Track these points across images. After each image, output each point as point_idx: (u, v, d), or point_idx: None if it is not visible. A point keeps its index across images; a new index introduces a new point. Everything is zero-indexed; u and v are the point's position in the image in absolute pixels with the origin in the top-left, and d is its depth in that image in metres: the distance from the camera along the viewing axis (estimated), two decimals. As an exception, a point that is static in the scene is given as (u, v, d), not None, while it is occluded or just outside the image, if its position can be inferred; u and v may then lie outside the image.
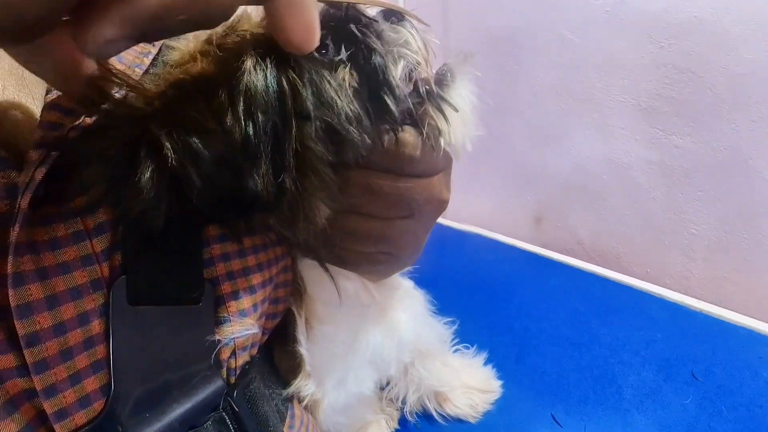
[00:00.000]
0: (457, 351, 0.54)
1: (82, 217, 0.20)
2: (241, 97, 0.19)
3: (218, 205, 0.20)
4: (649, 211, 0.74)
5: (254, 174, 0.19)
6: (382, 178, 0.26)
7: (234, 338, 0.26)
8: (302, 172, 0.21)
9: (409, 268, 0.41)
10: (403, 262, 0.35)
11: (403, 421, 0.50)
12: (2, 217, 0.18)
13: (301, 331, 0.31)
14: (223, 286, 0.25)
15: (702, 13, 0.61)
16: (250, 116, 0.19)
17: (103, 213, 0.21)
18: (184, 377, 0.24)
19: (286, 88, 0.20)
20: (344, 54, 0.23)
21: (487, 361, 0.54)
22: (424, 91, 0.26)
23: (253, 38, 0.20)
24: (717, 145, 0.65)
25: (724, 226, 0.67)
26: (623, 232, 0.78)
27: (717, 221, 0.67)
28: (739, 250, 0.66)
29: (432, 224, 0.33)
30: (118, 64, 0.22)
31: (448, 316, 0.53)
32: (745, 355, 0.51)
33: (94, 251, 0.21)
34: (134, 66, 0.23)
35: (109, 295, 0.21)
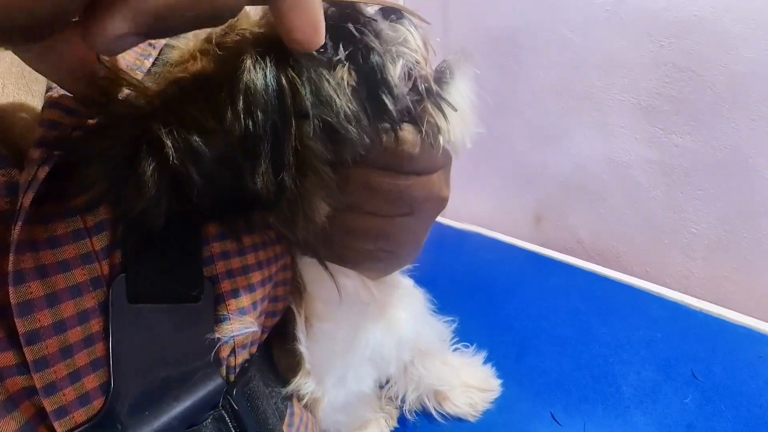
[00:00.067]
0: (456, 350, 0.54)
1: (81, 216, 0.20)
2: (240, 96, 0.19)
3: (218, 204, 0.20)
4: (649, 211, 0.74)
5: (254, 172, 0.19)
6: (382, 175, 0.26)
7: (233, 336, 0.26)
8: (301, 171, 0.21)
9: (409, 266, 0.41)
10: (402, 259, 0.35)
11: (402, 420, 0.50)
12: (2, 215, 0.18)
13: (300, 329, 0.31)
14: (222, 285, 0.25)
15: (702, 12, 0.61)
16: (249, 115, 0.19)
17: (103, 211, 0.21)
18: (184, 375, 0.24)
19: (286, 87, 0.20)
20: (342, 53, 0.22)
21: (487, 360, 0.54)
22: (423, 89, 0.26)
23: (252, 37, 0.20)
24: (717, 144, 0.65)
25: (724, 225, 0.67)
26: (623, 232, 0.78)
27: (717, 220, 0.67)
28: (739, 249, 0.66)
29: (432, 222, 0.33)
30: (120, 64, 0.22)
31: (448, 315, 0.53)
32: (745, 355, 0.51)
33: (94, 249, 0.21)
34: (135, 68, 0.23)
35: (108, 293, 0.21)
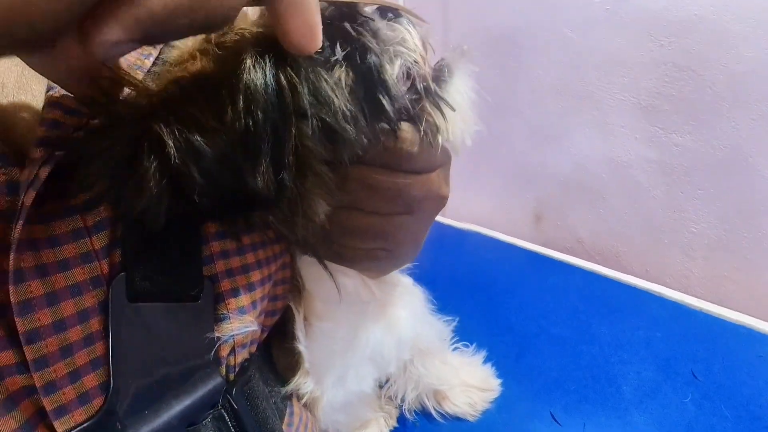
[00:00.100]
0: (456, 349, 0.54)
1: (81, 215, 0.20)
2: (241, 96, 0.19)
3: (219, 203, 0.20)
4: (649, 210, 0.74)
5: (255, 172, 0.19)
6: (380, 174, 0.26)
7: (233, 335, 0.26)
8: (301, 170, 0.21)
9: (409, 265, 0.41)
10: (402, 258, 0.35)
11: (401, 420, 0.50)
12: (3, 214, 0.18)
13: (299, 327, 0.31)
14: (222, 284, 0.25)
15: (702, 11, 0.61)
16: (250, 114, 0.19)
17: (103, 210, 0.21)
18: (183, 374, 0.24)
19: (285, 86, 0.20)
20: (340, 53, 0.22)
21: (487, 360, 0.54)
22: (422, 88, 0.26)
23: (251, 36, 0.20)
24: (717, 144, 0.64)
25: (724, 224, 0.67)
26: (623, 231, 0.78)
27: (717, 220, 0.67)
28: (739, 249, 0.66)
29: (431, 221, 0.33)
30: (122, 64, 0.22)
31: (448, 315, 0.53)
32: (744, 354, 0.51)
33: (94, 248, 0.21)
34: (136, 67, 0.23)
35: (108, 292, 0.21)
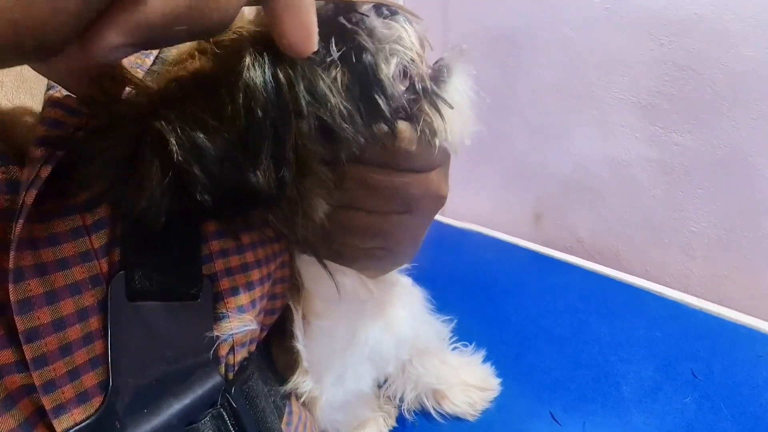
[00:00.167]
0: (455, 349, 0.54)
1: (81, 214, 0.20)
2: (240, 94, 0.19)
3: (220, 201, 0.20)
4: (649, 209, 0.74)
5: (256, 169, 0.19)
6: (379, 173, 0.26)
7: (232, 334, 0.26)
8: (300, 170, 0.21)
9: (408, 265, 0.41)
10: (400, 257, 0.35)
11: (401, 419, 0.50)
12: (2, 213, 0.18)
13: (298, 326, 0.31)
14: (221, 282, 0.25)
15: (702, 11, 0.61)
16: (249, 112, 0.19)
17: (102, 209, 0.21)
18: (183, 373, 0.24)
19: (283, 83, 0.20)
20: (335, 53, 0.22)
21: (486, 359, 0.54)
22: (420, 88, 0.26)
23: (249, 35, 0.20)
24: (717, 143, 0.64)
25: (724, 224, 0.67)
26: (623, 230, 0.78)
27: (717, 219, 0.67)
28: (739, 249, 0.66)
29: (430, 220, 0.33)
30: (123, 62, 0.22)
31: (447, 314, 0.53)
32: (744, 354, 0.51)
33: (93, 247, 0.21)
34: (136, 66, 0.23)
35: (107, 291, 0.21)
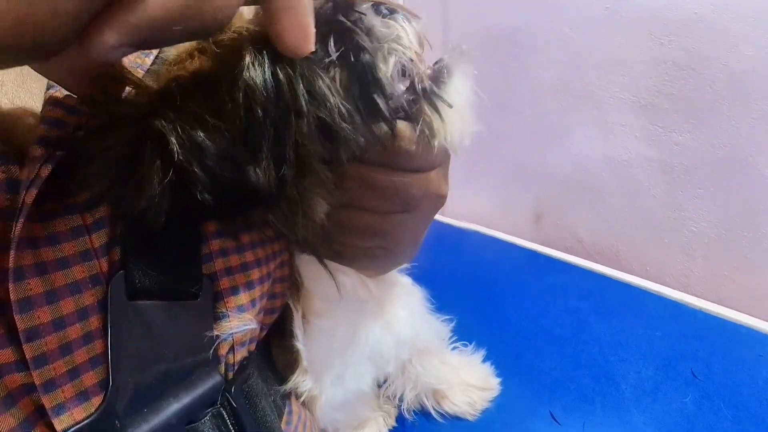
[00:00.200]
0: (455, 348, 0.54)
1: (81, 213, 0.20)
2: (240, 93, 0.19)
3: (221, 200, 0.20)
4: (649, 209, 0.74)
5: (256, 167, 0.19)
6: (379, 172, 0.26)
7: (232, 334, 0.26)
8: (300, 169, 0.21)
9: (407, 264, 0.41)
10: (400, 257, 0.35)
11: (400, 419, 0.50)
12: (2, 212, 0.18)
13: (297, 325, 0.31)
14: (221, 282, 0.25)
15: (702, 10, 0.61)
16: (250, 111, 0.19)
17: (102, 208, 0.21)
18: (182, 372, 0.24)
19: (283, 82, 0.20)
20: (334, 52, 0.22)
21: (486, 359, 0.54)
22: (420, 88, 0.25)
23: (249, 34, 0.20)
24: (717, 143, 0.64)
25: (724, 224, 0.67)
26: (623, 230, 0.78)
27: (717, 219, 0.67)
28: (740, 248, 0.66)
29: (430, 220, 0.33)
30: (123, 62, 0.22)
31: (447, 314, 0.53)
32: (744, 354, 0.51)
33: (93, 246, 0.21)
34: (136, 65, 0.23)
35: (107, 291, 0.21)
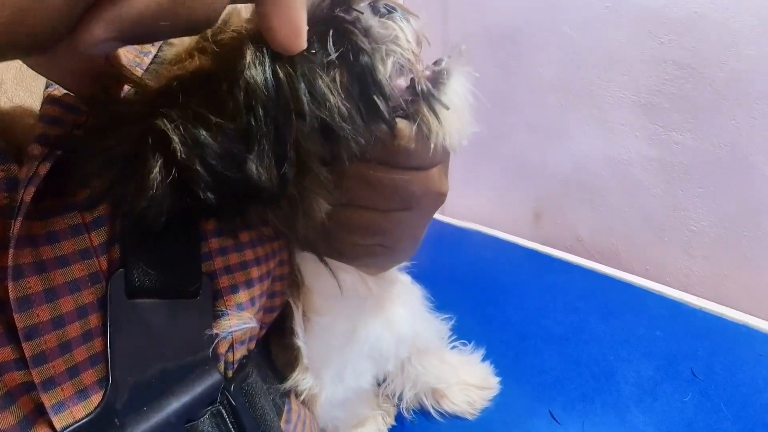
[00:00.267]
0: (454, 347, 0.54)
1: (80, 211, 0.21)
2: (241, 92, 0.19)
3: (224, 198, 0.20)
4: (649, 208, 0.74)
5: (258, 166, 0.19)
6: (379, 170, 0.26)
7: (232, 332, 0.26)
8: (301, 169, 0.21)
9: (407, 263, 0.41)
10: (400, 255, 0.35)
11: (399, 418, 0.50)
12: (1, 210, 0.18)
13: (298, 323, 0.32)
14: (220, 280, 0.25)
15: (702, 9, 0.61)
16: (251, 110, 0.19)
17: (102, 206, 0.21)
18: (182, 371, 0.24)
19: (283, 81, 0.20)
20: (333, 52, 0.22)
21: (485, 358, 0.54)
22: (419, 90, 0.25)
23: (249, 33, 0.20)
24: (717, 142, 0.64)
25: (724, 223, 0.67)
26: (623, 229, 0.78)
27: (717, 218, 0.67)
28: (740, 248, 0.66)
29: (430, 217, 0.33)
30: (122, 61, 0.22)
31: (446, 313, 0.53)
32: (744, 353, 0.51)
33: (92, 245, 0.21)
34: (135, 65, 0.23)
35: (107, 289, 0.21)
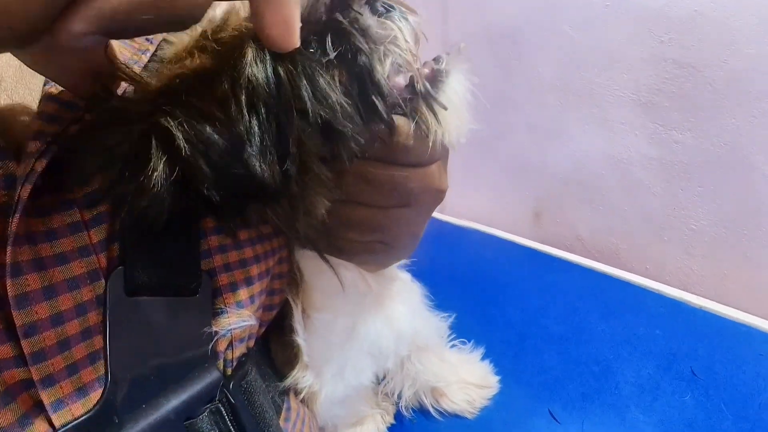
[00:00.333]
0: (454, 346, 0.54)
1: (79, 208, 0.21)
2: (243, 90, 0.19)
3: (226, 196, 0.20)
4: (649, 207, 0.73)
5: (261, 163, 0.19)
6: (377, 167, 0.26)
7: (231, 330, 0.26)
8: (300, 167, 0.21)
9: (407, 261, 0.41)
10: (400, 251, 0.35)
11: (399, 417, 0.50)
12: (0, 209, 0.18)
13: (297, 320, 0.32)
14: (220, 278, 0.25)
15: (702, 8, 0.61)
16: (253, 107, 0.19)
17: (101, 204, 0.21)
18: (181, 368, 0.24)
19: (284, 79, 0.20)
20: (332, 52, 0.22)
21: (485, 357, 0.54)
22: (418, 90, 0.25)
23: (249, 32, 0.20)
24: (717, 141, 0.64)
25: (724, 222, 0.67)
26: (622, 228, 0.77)
27: (717, 217, 0.67)
28: (739, 247, 0.66)
29: (430, 214, 0.33)
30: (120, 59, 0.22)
31: (446, 312, 0.53)
32: (744, 352, 0.51)
33: (91, 242, 0.21)
34: (132, 63, 0.23)
35: (106, 286, 0.21)
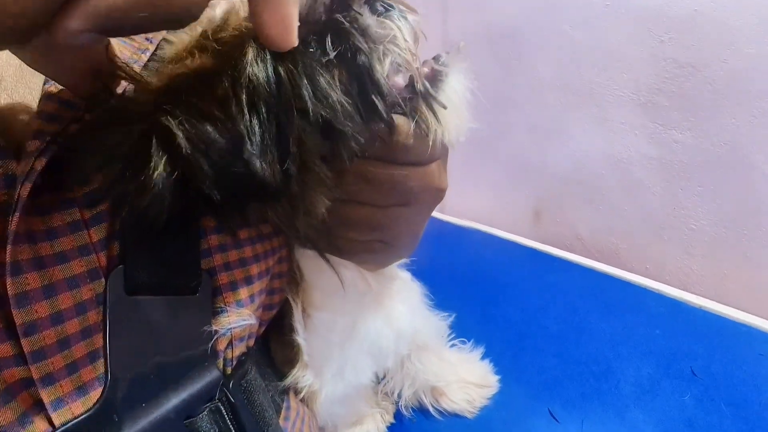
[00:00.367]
0: (453, 345, 0.54)
1: (79, 207, 0.21)
2: (243, 89, 0.19)
3: (226, 194, 0.20)
4: (649, 207, 0.74)
5: (262, 162, 0.19)
6: (377, 166, 0.26)
7: (231, 329, 0.26)
8: (301, 167, 0.21)
9: (407, 260, 0.41)
10: (399, 251, 0.35)
11: (398, 416, 0.50)
12: (0, 208, 0.18)
13: (297, 319, 0.32)
14: (220, 277, 0.25)
15: (702, 7, 0.61)
16: (253, 106, 0.19)
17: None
18: (181, 367, 0.24)
19: (285, 78, 0.20)
20: (332, 52, 0.22)
21: (485, 356, 0.54)
22: (418, 89, 0.25)
23: (249, 32, 0.20)
24: (717, 140, 0.64)
25: (724, 222, 0.67)
26: (622, 228, 0.77)
27: (717, 217, 0.67)
28: (739, 246, 0.66)
29: (430, 213, 0.33)
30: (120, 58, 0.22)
31: (446, 311, 0.53)
32: (744, 352, 0.51)
33: (91, 241, 0.21)
34: (132, 62, 0.23)
35: (106, 285, 0.21)
